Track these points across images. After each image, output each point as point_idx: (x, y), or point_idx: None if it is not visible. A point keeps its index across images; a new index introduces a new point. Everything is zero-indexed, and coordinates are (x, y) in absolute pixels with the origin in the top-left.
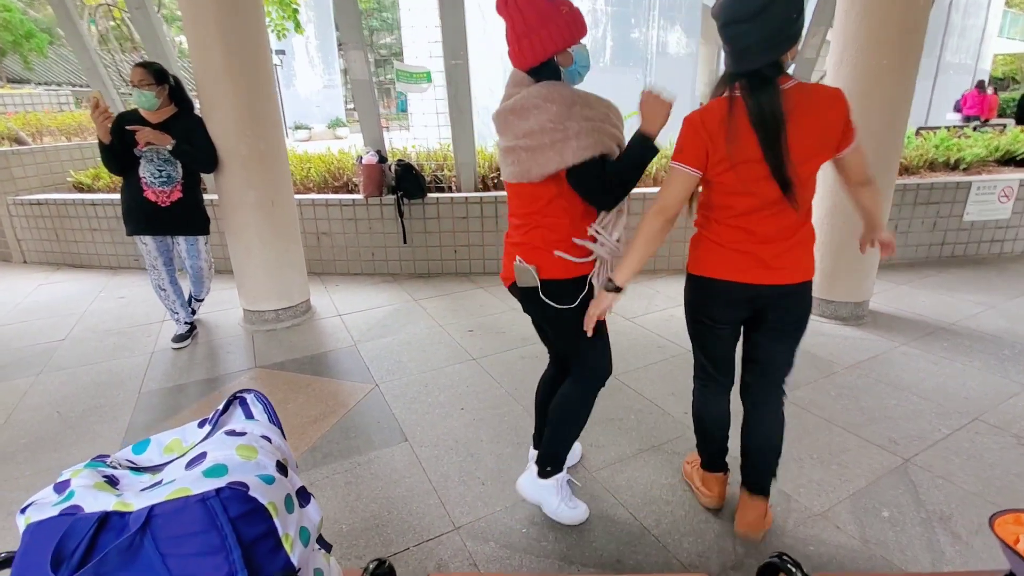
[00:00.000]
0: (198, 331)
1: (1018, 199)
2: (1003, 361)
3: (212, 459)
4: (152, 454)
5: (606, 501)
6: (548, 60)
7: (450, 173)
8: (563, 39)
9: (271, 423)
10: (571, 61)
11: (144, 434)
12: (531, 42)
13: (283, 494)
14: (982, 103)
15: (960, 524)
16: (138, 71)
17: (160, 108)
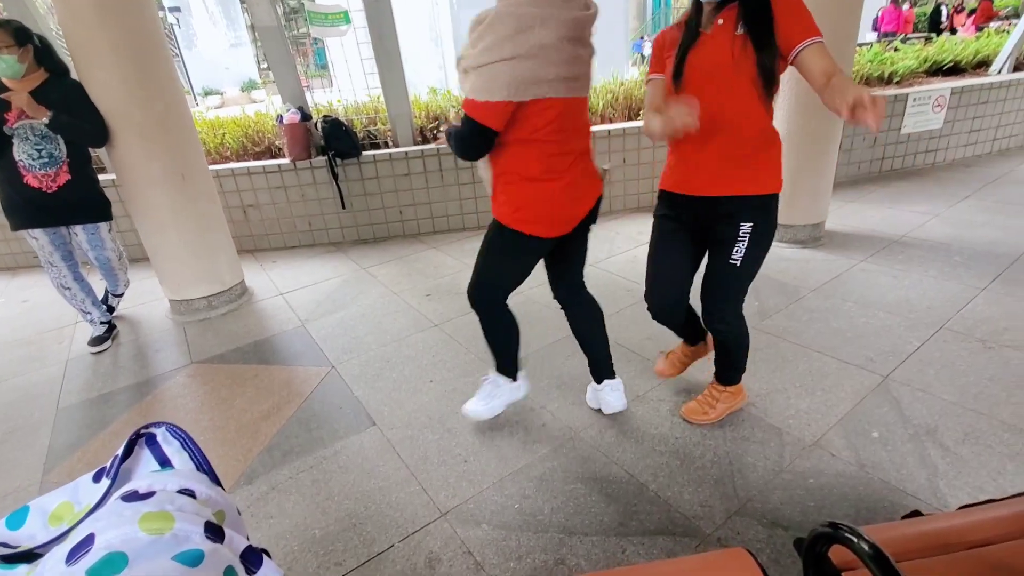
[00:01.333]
0: (119, 330)
1: (949, 108)
2: (956, 267)
3: (103, 545)
4: (33, 526)
5: (598, 461)
6: None
7: (384, 127)
8: None
9: (196, 467)
10: None
11: (68, 456)
12: None
13: (220, 569)
14: (898, 19)
15: (946, 435)
16: None
17: (27, 75)
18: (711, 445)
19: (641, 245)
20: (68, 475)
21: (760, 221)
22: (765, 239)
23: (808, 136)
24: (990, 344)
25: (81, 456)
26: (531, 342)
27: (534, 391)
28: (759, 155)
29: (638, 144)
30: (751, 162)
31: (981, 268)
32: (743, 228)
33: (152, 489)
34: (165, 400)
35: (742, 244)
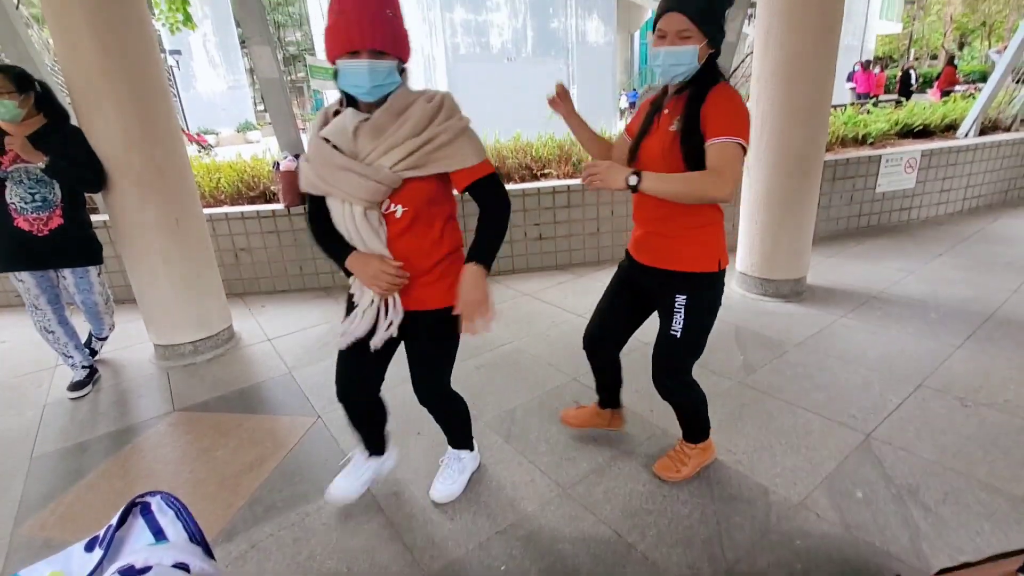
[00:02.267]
0: (100, 374)
1: (920, 168)
2: (932, 324)
3: None
4: None
5: (586, 520)
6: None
7: None
8: (326, 48)
9: (189, 538)
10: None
11: (41, 509)
12: None
13: None
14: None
15: (927, 495)
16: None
17: (25, 120)
18: (699, 503)
19: None
20: (40, 529)
21: (692, 296)
22: (701, 314)
23: (788, 194)
24: (967, 402)
25: (54, 509)
26: (520, 394)
27: (522, 445)
28: (689, 233)
29: (625, 197)
30: (680, 240)
31: (956, 326)
32: (678, 300)
33: (148, 564)
34: (144, 450)
35: (679, 316)
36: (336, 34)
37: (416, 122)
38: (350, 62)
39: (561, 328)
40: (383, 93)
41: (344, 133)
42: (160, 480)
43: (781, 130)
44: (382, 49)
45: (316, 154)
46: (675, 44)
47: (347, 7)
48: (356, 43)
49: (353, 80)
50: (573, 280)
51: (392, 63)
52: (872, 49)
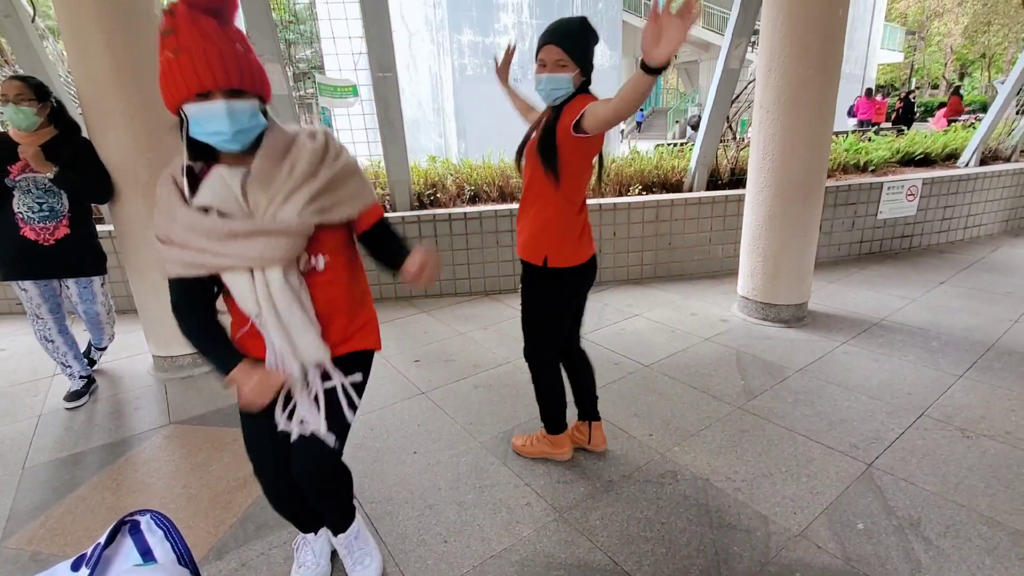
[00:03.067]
0: (97, 385)
1: (921, 196)
2: (933, 353)
3: None
4: None
5: (582, 546)
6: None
7: (383, 192)
8: (165, 93)
9: (177, 560)
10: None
11: (30, 521)
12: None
13: None
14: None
15: (929, 528)
16: (14, 84)
17: (38, 129)
18: (697, 532)
19: (630, 317)
20: (28, 542)
21: (527, 285)
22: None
23: (790, 219)
24: (968, 433)
25: (44, 522)
26: (518, 414)
27: (518, 467)
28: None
29: (628, 219)
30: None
31: (958, 355)
32: (521, 287)
33: None
34: (138, 463)
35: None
36: (178, 75)
37: (308, 164)
38: (202, 105)
39: None
40: (249, 138)
41: (228, 194)
42: (153, 494)
43: (783, 156)
44: (239, 87)
45: (192, 229)
46: (554, 72)
47: (187, 43)
48: (207, 82)
49: (210, 127)
50: None
51: (253, 102)
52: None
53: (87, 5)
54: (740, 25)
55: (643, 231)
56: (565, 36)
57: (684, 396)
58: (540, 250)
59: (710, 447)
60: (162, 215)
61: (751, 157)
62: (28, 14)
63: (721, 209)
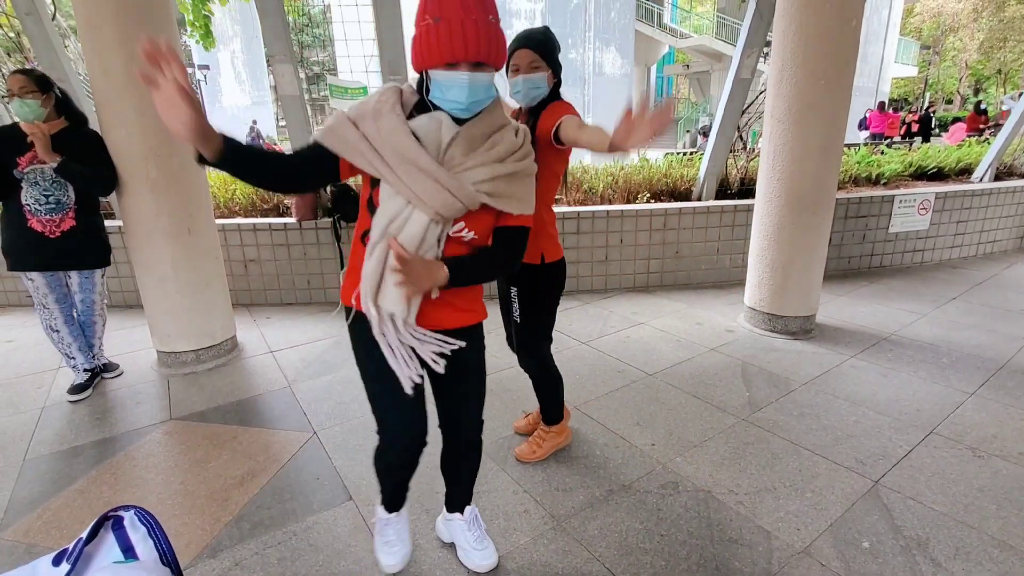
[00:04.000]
0: (101, 378)
1: (934, 211)
2: (944, 369)
3: None
4: None
5: (579, 556)
6: (421, 74)
7: None
8: (416, 55)
9: (159, 558)
10: (430, 86)
11: (27, 513)
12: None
13: None
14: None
15: (937, 549)
16: (17, 78)
17: (46, 121)
18: (697, 545)
19: (635, 325)
20: (24, 534)
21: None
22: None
23: (799, 230)
24: (980, 452)
25: (41, 514)
26: (517, 420)
27: (517, 473)
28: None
29: (635, 226)
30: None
31: (969, 372)
32: (512, 292)
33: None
34: (137, 458)
35: (516, 304)
36: (433, 42)
37: (505, 150)
38: (447, 74)
39: (564, 355)
40: (478, 108)
41: (436, 137)
42: (150, 490)
43: (793, 167)
44: (484, 60)
45: (391, 134)
46: (529, 73)
47: (449, 13)
48: (458, 54)
49: (451, 95)
50: (580, 307)
51: (491, 75)
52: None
53: (103, 4)
54: (752, 35)
55: (650, 239)
56: (534, 40)
57: (687, 406)
58: (536, 249)
59: (713, 459)
60: (369, 109)
61: (761, 167)
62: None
63: (730, 219)
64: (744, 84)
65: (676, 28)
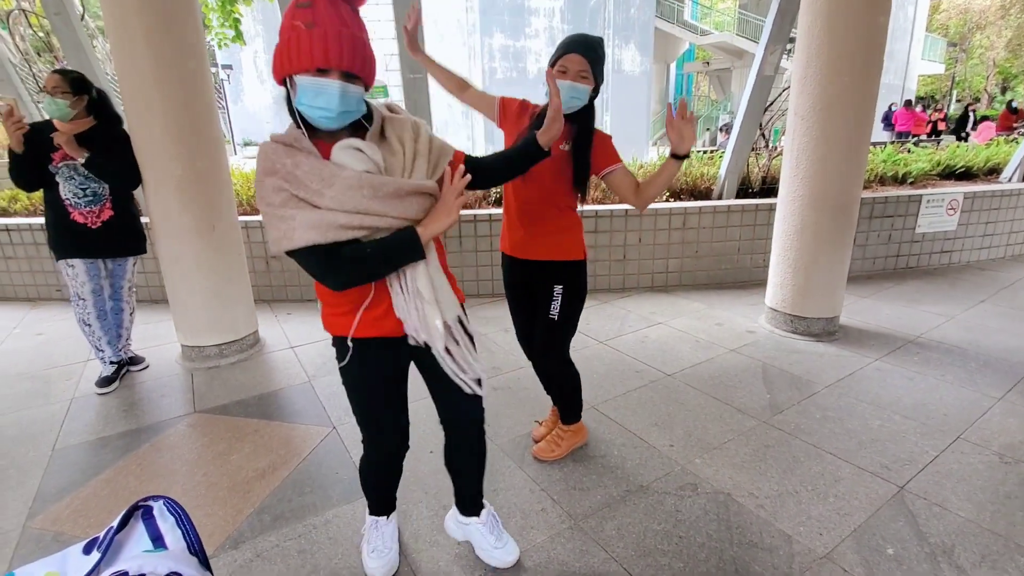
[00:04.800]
0: (128, 371)
1: (962, 211)
2: (972, 374)
3: None
4: None
5: (596, 556)
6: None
7: None
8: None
9: (187, 548)
10: (296, 93)
11: (55, 502)
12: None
13: None
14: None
15: (963, 556)
16: (54, 77)
17: (74, 119)
18: (716, 548)
19: (654, 325)
20: (52, 523)
21: (569, 283)
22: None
23: (822, 230)
24: (1007, 459)
25: (69, 503)
26: (535, 418)
27: (535, 472)
28: (563, 233)
29: (654, 225)
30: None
31: (997, 376)
32: (556, 289)
33: (142, 571)
34: (162, 449)
35: (556, 302)
36: (305, 46)
37: (409, 133)
38: (317, 80)
39: (582, 353)
40: (347, 120)
41: (370, 163)
42: (175, 481)
43: (817, 165)
44: (357, 72)
45: (356, 187)
46: (576, 81)
47: (323, 19)
48: (332, 60)
49: (319, 102)
50: (598, 305)
51: (361, 88)
52: (914, 89)
53: (131, 5)
54: (776, 32)
55: (669, 238)
56: (591, 49)
57: (707, 407)
58: (577, 246)
59: (733, 461)
60: (304, 183)
61: (784, 166)
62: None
63: (751, 218)
64: (767, 81)
65: (696, 25)
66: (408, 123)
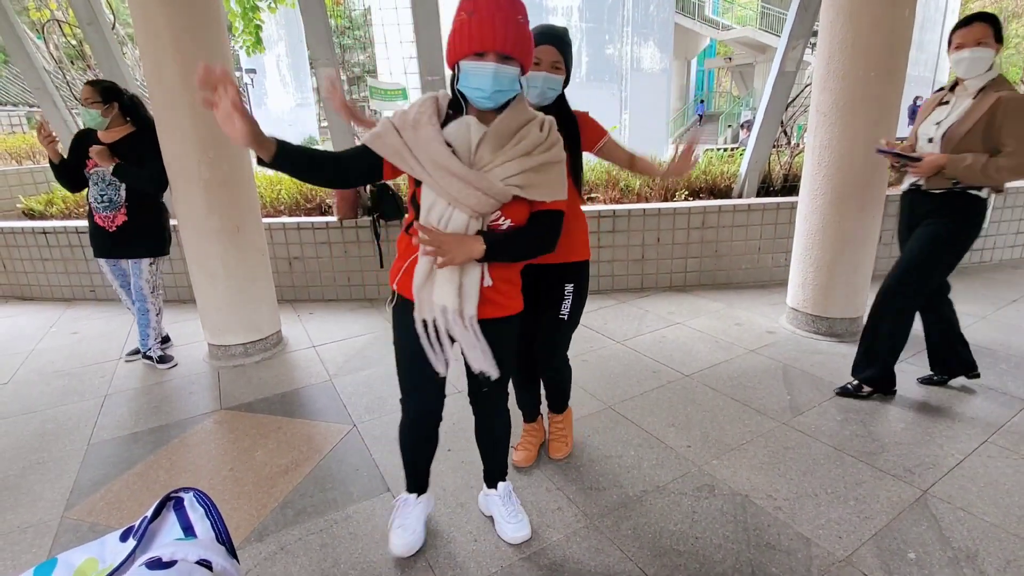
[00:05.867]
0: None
1: (994, 208)
2: (1002, 376)
3: None
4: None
5: (612, 556)
6: (454, 68)
7: None
8: (450, 48)
9: (216, 537)
10: (459, 77)
11: (91, 494)
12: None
13: None
14: None
15: (987, 561)
16: (86, 89)
17: (111, 127)
18: (733, 549)
19: (672, 325)
20: (88, 513)
21: (578, 282)
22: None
23: (845, 229)
24: None
25: (103, 495)
26: None
27: (551, 471)
28: (571, 235)
29: (673, 224)
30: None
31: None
32: (567, 288)
33: (174, 558)
34: (191, 445)
35: (567, 301)
36: (465, 34)
37: (531, 144)
38: (475, 63)
39: (599, 353)
40: (503, 100)
41: (466, 139)
42: (202, 475)
43: (840, 162)
44: (510, 54)
45: (426, 142)
46: (551, 72)
47: (480, 7)
48: (487, 44)
49: (476, 82)
50: (616, 305)
51: (516, 70)
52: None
53: (159, 12)
54: (798, 26)
55: (688, 237)
56: (560, 40)
57: (725, 408)
58: (584, 245)
59: (751, 462)
60: (410, 119)
61: (806, 163)
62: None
63: (772, 216)
64: (788, 77)
65: (718, 20)
66: (539, 137)
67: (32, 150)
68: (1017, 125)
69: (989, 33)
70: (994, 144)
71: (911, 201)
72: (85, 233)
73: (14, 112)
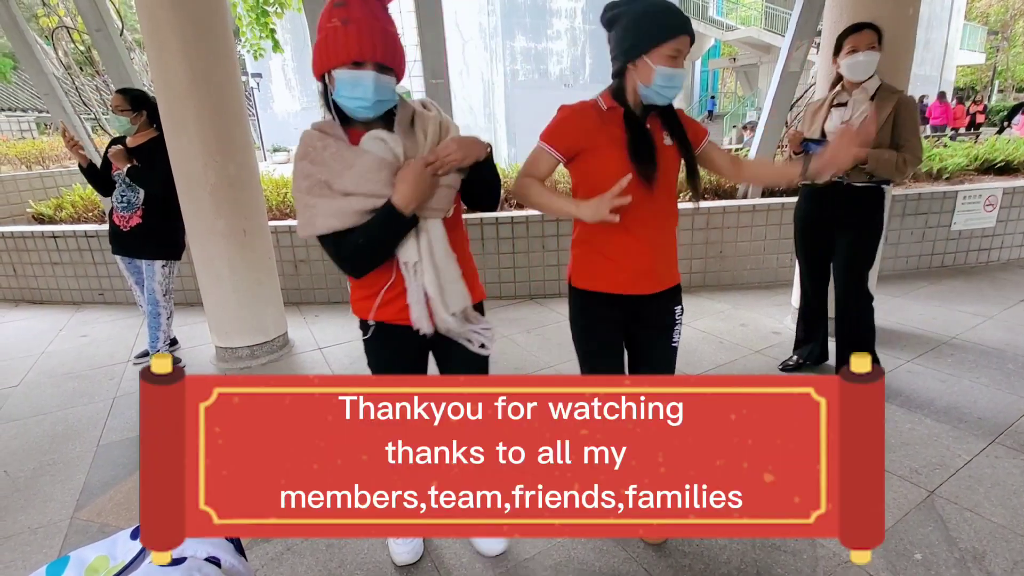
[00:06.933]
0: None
1: (1002, 207)
2: (1009, 376)
3: None
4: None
5: (617, 556)
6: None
7: None
8: (320, 57)
9: None
10: (334, 87)
11: (100, 495)
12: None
13: None
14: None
15: (994, 562)
16: (116, 97)
17: (138, 133)
18: (738, 550)
19: None
20: (97, 514)
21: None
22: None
23: None
24: None
25: (112, 496)
26: None
27: None
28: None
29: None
30: (673, 250)
31: None
32: (676, 312)
33: (183, 555)
34: None
35: (678, 327)
36: (341, 42)
37: (434, 129)
38: (353, 72)
39: None
40: (383, 109)
41: (391, 153)
42: None
43: None
44: (389, 64)
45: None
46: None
47: (357, 16)
48: (366, 53)
49: (357, 92)
50: None
51: (393, 79)
52: (952, 80)
53: (166, 19)
54: (802, 26)
55: (692, 239)
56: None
57: None
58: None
59: None
60: (329, 165)
61: None
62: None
63: (777, 217)
64: (793, 77)
65: (722, 20)
66: (437, 120)
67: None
68: (913, 123)
69: (876, 39)
70: (896, 140)
71: (832, 195)
72: (94, 237)
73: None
